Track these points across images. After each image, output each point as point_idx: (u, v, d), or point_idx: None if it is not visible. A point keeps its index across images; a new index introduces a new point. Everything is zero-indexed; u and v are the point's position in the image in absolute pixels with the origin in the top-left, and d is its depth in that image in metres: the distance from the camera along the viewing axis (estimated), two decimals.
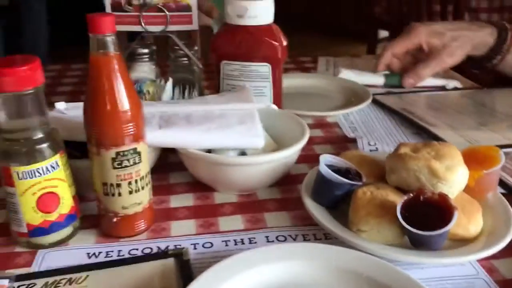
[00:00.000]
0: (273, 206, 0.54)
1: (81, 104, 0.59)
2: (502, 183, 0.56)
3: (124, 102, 0.44)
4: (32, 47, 2.35)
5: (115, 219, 0.48)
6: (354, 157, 0.54)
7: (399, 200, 0.46)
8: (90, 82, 0.44)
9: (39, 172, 0.45)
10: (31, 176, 0.44)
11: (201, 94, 0.71)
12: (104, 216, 0.49)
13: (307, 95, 0.86)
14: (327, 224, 0.47)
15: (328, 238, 0.49)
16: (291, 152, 0.54)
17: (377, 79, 0.91)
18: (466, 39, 0.86)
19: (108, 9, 0.66)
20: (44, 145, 0.45)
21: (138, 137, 0.46)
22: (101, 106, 0.44)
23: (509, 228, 0.46)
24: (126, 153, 0.46)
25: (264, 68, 0.63)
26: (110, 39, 0.43)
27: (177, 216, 0.53)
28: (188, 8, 0.66)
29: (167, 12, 0.66)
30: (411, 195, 0.46)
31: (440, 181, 0.47)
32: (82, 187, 0.51)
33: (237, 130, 0.54)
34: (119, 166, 0.46)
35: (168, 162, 0.62)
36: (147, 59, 0.70)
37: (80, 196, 0.50)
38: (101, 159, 0.45)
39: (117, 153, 0.45)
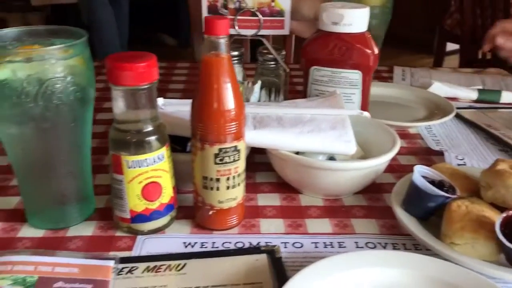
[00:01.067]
0: (360, 212, 0.55)
1: (176, 101, 0.63)
2: None
3: (230, 102, 0.46)
4: (116, 42, 2.43)
5: (211, 212, 0.50)
6: (446, 170, 0.54)
7: (495, 216, 0.46)
8: (201, 80, 0.47)
9: (146, 162, 0.47)
10: (139, 166, 0.47)
11: (285, 97, 0.73)
12: (201, 208, 0.51)
13: (387, 104, 0.86)
14: (421, 235, 0.47)
15: (418, 248, 0.49)
16: (382, 161, 0.54)
17: (470, 94, 0.90)
18: None
19: (204, 10, 0.69)
20: (153, 138, 0.47)
21: (239, 135, 0.48)
22: (210, 104, 0.46)
23: None
24: (227, 150, 0.48)
25: (355, 75, 0.64)
26: (223, 41, 0.45)
27: (265, 214, 0.54)
28: (281, 13, 0.68)
29: (260, 17, 0.68)
30: (511, 212, 0.45)
31: None
32: (179, 180, 0.53)
33: (329, 135, 0.55)
34: (220, 162, 0.48)
35: (255, 162, 0.64)
36: (236, 61, 0.72)
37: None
38: (204, 153, 0.48)
39: (220, 149, 0.47)
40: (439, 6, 2.65)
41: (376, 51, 0.64)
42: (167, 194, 0.50)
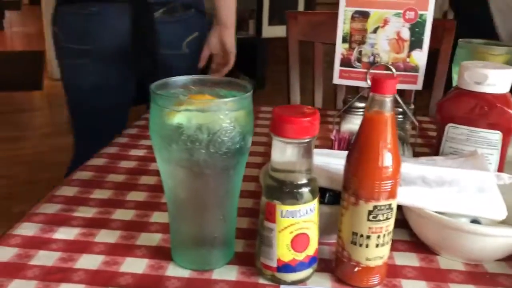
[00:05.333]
0: (507, 281, 0.52)
1: (319, 150, 0.63)
2: None
3: (389, 159, 0.46)
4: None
5: (356, 269, 0.50)
6: None
7: None
8: (361, 136, 0.47)
9: (299, 213, 0.48)
10: (292, 216, 0.48)
11: (413, 152, 0.72)
12: (344, 264, 0.50)
13: None
14: None
15: None
16: None
17: None
18: None
19: (337, 63, 0.70)
20: (306, 189, 0.48)
21: (393, 193, 0.48)
22: (369, 160, 0.46)
23: None
24: (382, 207, 0.47)
25: (495, 136, 0.62)
26: (388, 100, 0.46)
27: (405, 275, 0.53)
28: (415, 69, 0.68)
29: (394, 71, 0.68)
30: None
31: None
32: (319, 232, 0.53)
33: (477, 197, 0.53)
34: (374, 219, 0.48)
35: None
36: (361, 113, 0.73)
37: None
38: (358, 209, 0.48)
39: (375, 207, 0.47)
40: None
41: None
42: (313, 246, 0.50)
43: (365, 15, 0.68)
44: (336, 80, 0.72)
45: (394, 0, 0.66)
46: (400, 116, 0.72)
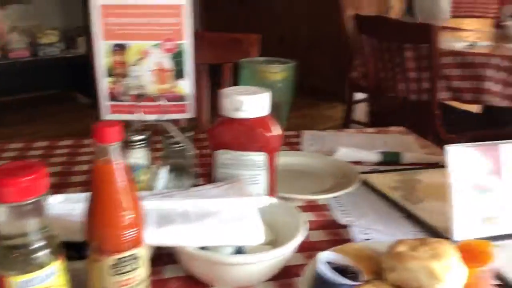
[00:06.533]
0: None
1: (77, 196, 0.59)
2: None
3: (126, 209, 0.44)
4: None
5: None
6: (351, 252, 0.55)
7: None
8: (93, 189, 0.44)
9: (36, 281, 0.43)
10: (27, 286, 0.43)
11: (193, 178, 0.72)
12: None
13: (295, 173, 0.87)
14: None
15: None
16: (289, 250, 0.54)
17: (373, 157, 0.94)
18: None
19: (105, 98, 0.67)
20: (43, 252, 0.44)
21: (138, 242, 0.46)
22: (103, 213, 0.44)
23: None
24: (126, 259, 0.45)
25: (260, 157, 0.64)
26: (114, 148, 0.44)
27: None
28: (183, 97, 0.68)
29: (161, 102, 0.67)
30: None
31: (439, 283, 0.48)
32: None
33: (236, 227, 0.54)
34: (119, 273, 0.45)
35: (162, 253, 0.61)
36: (141, 145, 0.71)
37: None
38: (101, 265, 0.45)
39: (118, 259, 0.45)
40: (345, 59, 2.83)
41: (279, 132, 0.65)
42: None
43: (124, 48, 0.65)
44: (108, 115, 0.69)
45: (151, 32, 0.65)
46: (180, 145, 0.71)
